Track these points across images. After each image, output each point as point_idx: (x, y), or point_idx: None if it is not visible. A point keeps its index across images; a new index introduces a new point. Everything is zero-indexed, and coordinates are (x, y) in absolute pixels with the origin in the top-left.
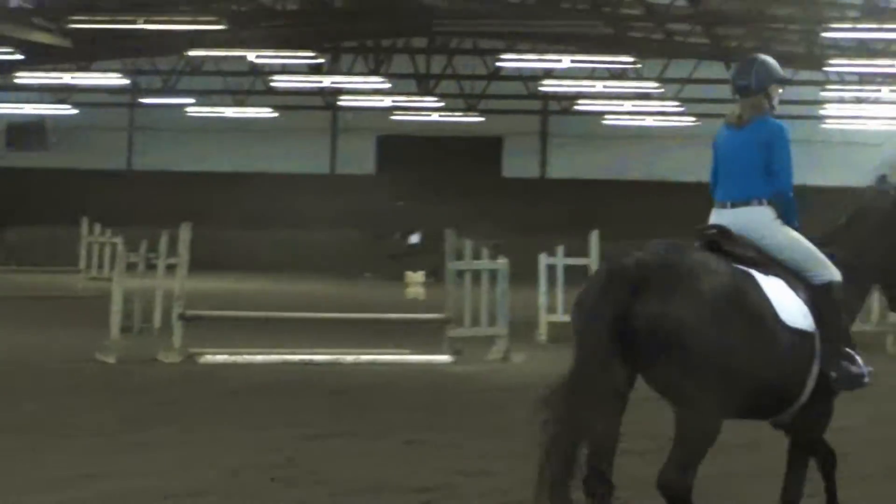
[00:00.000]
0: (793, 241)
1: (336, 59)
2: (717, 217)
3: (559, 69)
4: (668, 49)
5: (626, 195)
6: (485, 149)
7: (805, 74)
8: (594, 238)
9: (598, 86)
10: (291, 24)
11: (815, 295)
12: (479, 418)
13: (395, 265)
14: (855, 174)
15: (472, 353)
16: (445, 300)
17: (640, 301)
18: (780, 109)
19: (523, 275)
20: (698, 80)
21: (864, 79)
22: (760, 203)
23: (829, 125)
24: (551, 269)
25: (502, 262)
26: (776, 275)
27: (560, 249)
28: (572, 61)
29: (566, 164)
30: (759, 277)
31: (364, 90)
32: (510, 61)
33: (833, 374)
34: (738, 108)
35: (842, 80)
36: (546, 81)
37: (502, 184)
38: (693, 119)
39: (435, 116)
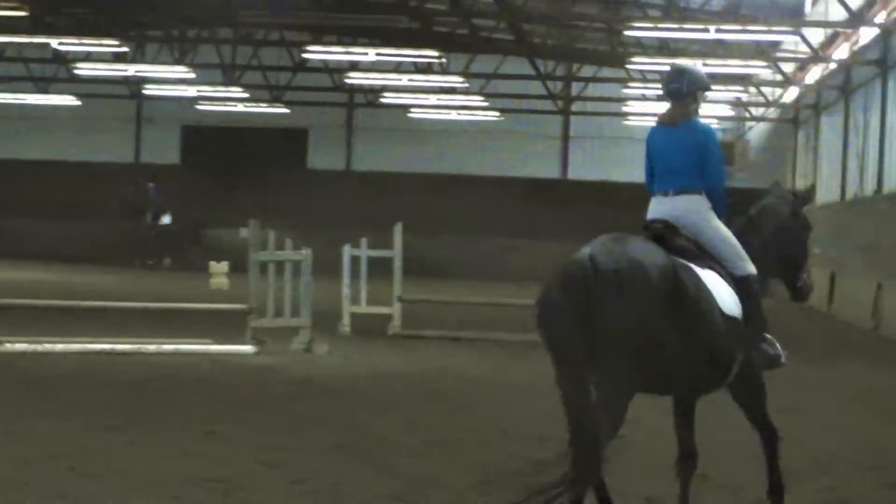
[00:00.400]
0: (724, 234)
1: (141, 47)
2: (658, 205)
3: (365, 62)
4: (474, 44)
5: (431, 189)
6: (290, 140)
7: (608, 72)
8: (398, 231)
9: (404, 79)
10: (96, 12)
11: (738, 285)
12: (280, 409)
13: (152, 248)
14: None
15: (276, 343)
16: (249, 291)
17: (601, 305)
18: (584, 107)
19: (327, 266)
20: (503, 76)
21: (664, 77)
22: (699, 192)
23: (632, 122)
24: (355, 260)
25: (306, 254)
26: (710, 267)
27: (364, 242)
28: (378, 55)
29: (372, 157)
30: (698, 270)
31: (169, 79)
32: (316, 53)
33: (756, 356)
34: (670, 109)
35: (644, 77)
36: (352, 74)
37: (307, 175)
38: (497, 114)
39: (240, 107)
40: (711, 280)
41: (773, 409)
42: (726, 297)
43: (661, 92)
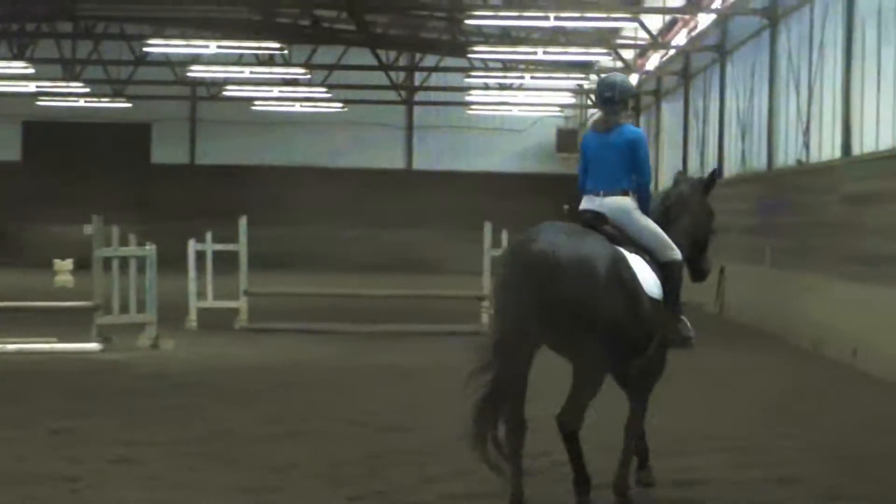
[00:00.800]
0: (648, 227)
1: None
2: (590, 203)
3: (207, 55)
4: (316, 35)
5: (277, 181)
6: (133, 135)
7: (451, 61)
8: (242, 224)
9: (246, 72)
10: None
11: (661, 270)
12: (128, 405)
13: None
14: (500, 160)
15: (122, 340)
16: (94, 288)
17: (553, 286)
18: (428, 96)
19: (172, 261)
20: (345, 67)
21: (507, 65)
22: (626, 194)
23: (475, 111)
24: (200, 255)
25: (150, 249)
26: (636, 252)
27: (209, 236)
28: (220, 47)
29: (216, 150)
30: (628, 255)
31: (8, 75)
32: (157, 46)
33: (670, 335)
34: (603, 116)
35: (486, 66)
36: (194, 67)
37: (151, 170)
38: (341, 105)
39: (82, 102)
40: (638, 265)
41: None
42: (650, 281)
43: (500, 81)
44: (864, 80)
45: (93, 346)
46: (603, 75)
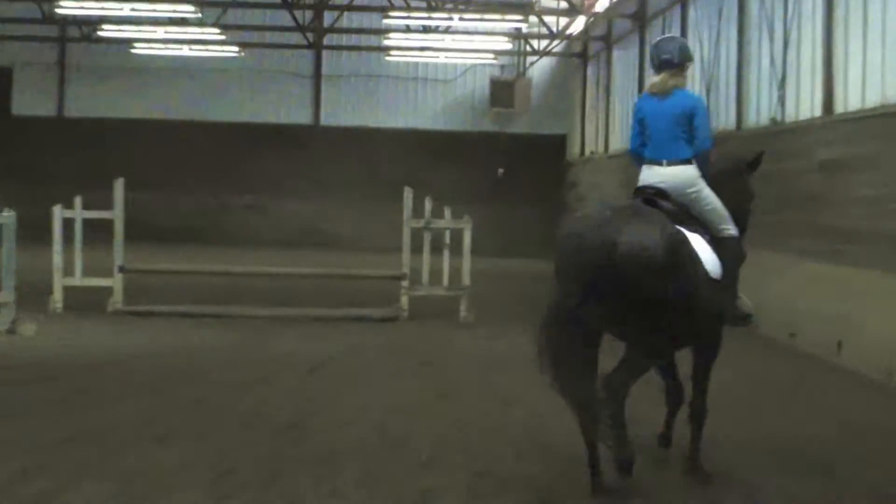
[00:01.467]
0: (712, 198)
1: None
2: (651, 174)
3: None
4: None
5: (160, 138)
6: None
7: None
8: (119, 187)
9: (126, 9)
10: None
11: (720, 246)
12: None
13: None
14: (423, 115)
15: None
16: None
17: (612, 277)
18: (339, 40)
19: (35, 231)
20: (243, 4)
21: (432, 4)
22: (689, 162)
23: (394, 58)
24: (68, 223)
25: (8, 216)
26: (695, 230)
27: (78, 201)
28: None
29: (88, 101)
30: (689, 235)
31: None
32: None
33: (730, 313)
34: (662, 79)
35: (407, 5)
36: (64, 3)
37: (12, 124)
38: (237, 50)
39: None
40: (699, 244)
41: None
42: (710, 261)
43: (424, 23)
44: (849, 25)
45: None
46: (660, 37)
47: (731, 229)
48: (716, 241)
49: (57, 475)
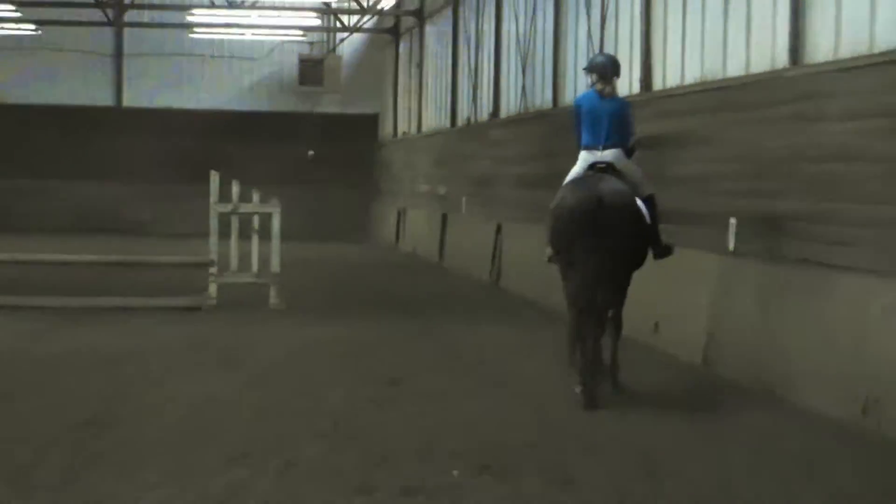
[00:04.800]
0: (636, 170)
1: None
2: (592, 155)
3: None
4: None
5: None
6: None
7: None
8: None
9: None
10: None
11: (645, 201)
12: None
13: None
14: (229, 95)
15: None
16: None
17: (604, 213)
18: (141, 16)
19: None
20: None
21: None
22: (620, 146)
23: (198, 35)
24: None
25: None
26: (633, 190)
27: None
28: None
29: None
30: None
31: None
32: None
33: (656, 247)
34: (600, 85)
35: None
36: None
37: None
38: (33, 27)
39: None
40: (637, 199)
41: (371, 380)
42: (644, 210)
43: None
44: (668, 3)
45: None
46: (602, 53)
47: (650, 188)
48: (642, 198)
49: None
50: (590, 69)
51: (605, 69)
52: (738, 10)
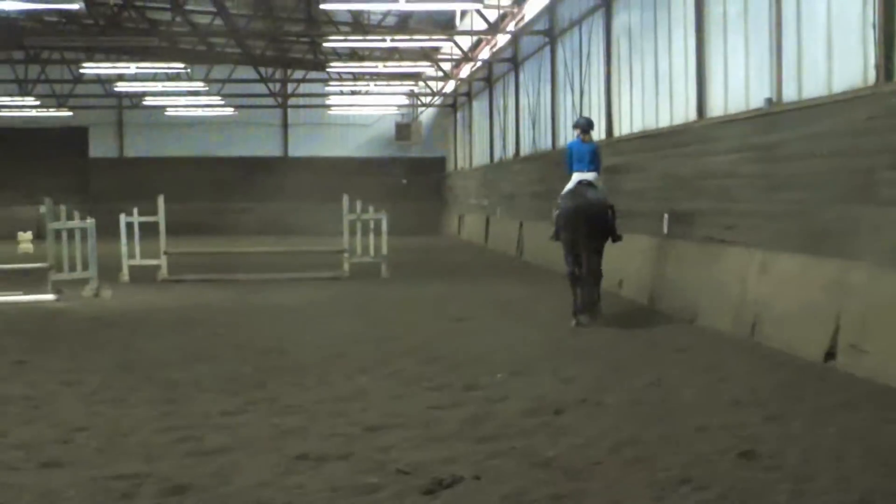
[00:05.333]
0: (604, 186)
1: None
2: (581, 175)
3: (129, 73)
4: (211, 57)
5: (185, 168)
6: (74, 136)
7: (314, 74)
8: (160, 201)
9: (160, 86)
10: None
11: (609, 208)
12: (74, 341)
13: None
14: (352, 147)
15: (71, 292)
16: (49, 252)
17: (589, 210)
18: (297, 101)
19: (108, 231)
20: (234, 80)
21: (356, 76)
22: (595, 171)
23: (334, 112)
24: (129, 225)
25: (90, 222)
26: (604, 198)
27: (135, 210)
28: (138, 68)
29: (139, 146)
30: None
31: None
32: (90, 68)
33: (615, 238)
34: (582, 135)
35: (340, 77)
36: (119, 83)
37: (89, 163)
38: (232, 110)
39: (34, 112)
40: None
41: (444, 319)
42: (609, 214)
43: (352, 89)
44: (621, 80)
45: (49, 297)
46: (583, 116)
47: (609, 200)
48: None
49: (120, 387)
50: (575, 125)
51: (585, 126)
52: (663, 85)
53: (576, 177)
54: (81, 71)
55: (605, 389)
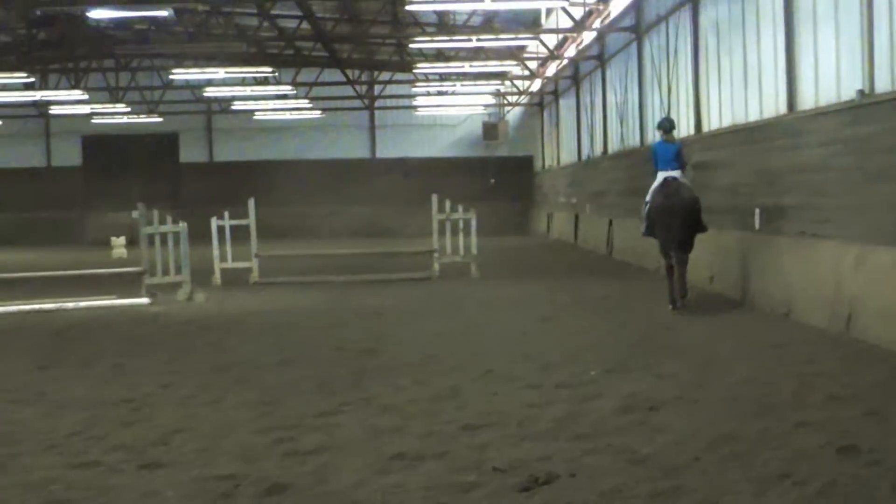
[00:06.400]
0: (687, 182)
1: (45, 77)
2: (665, 173)
3: (217, 79)
4: (298, 61)
5: (274, 171)
6: (165, 142)
7: (400, 76)
8: (251, 205)
9: (248, 91)
10: (6, 50)
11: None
12: (170, 344)
13: None
14: (440, 148)
15: (164, 295)
16: (142, 257)
17: (678, 206)
18: (384, 103)
19: (200, 235)
20: (321, 84)
21: (442, 77)
22: (678, 170)
23: (421, 113)
24: (221, 229)
25: (183, 226)
26: (693, 194)
27: (226, 214)
28: (227, 73)
29: (228, 151)
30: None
31: (69, 101)
32: (179, 74)
33: (701, 229)
34: (666, 135)
35: (426, 78)
36: (208, 89)
37: (180, 168)
38: (319, 113)
39: (125, 119)
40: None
41: (535, 318)
42: (700, 205)
43: (438, 89)
44: (709, 76)
45: (143, 300)
46: (665, 118)
47: (695, 194)
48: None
49: (216, 389)
50: (658, 126)
51: (668, 126)
52: (752, 79)
53: (660, 175)
54: (171, 77)
55: (701, 385)
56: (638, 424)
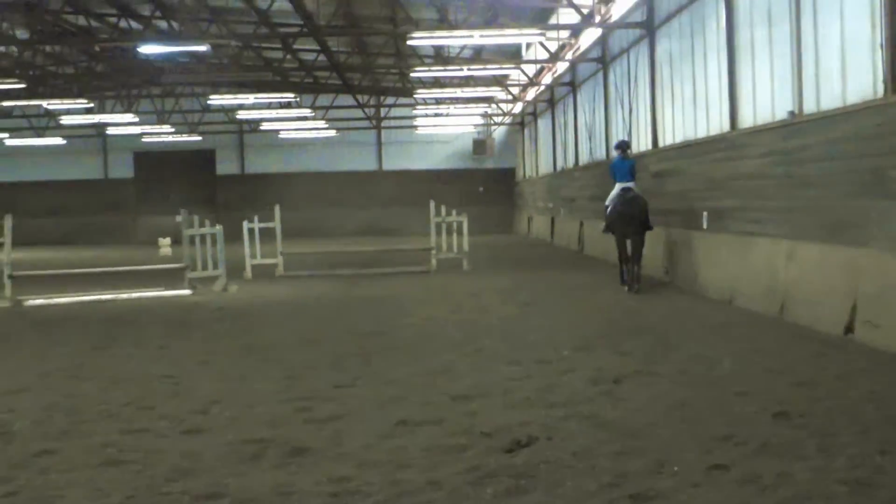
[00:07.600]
0: (640, 192)
1: (102, 103)
2: (623, 185)
3: (248, 103)
4: (316, 88)
5: (296, 182)
6: (203, 157)
7: (403, 100)
8: (276, 210)
9: (274, 113)
10: (70, 81)
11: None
12: (207, 328)
13: None
14: (436, 161)
15: (204, 287)
16: (185, 254)
17: (633, 211)
18: (389, 123)
19: (233, 236)
20: (335, 107)
21: (438, 101)
22: (634, 181)
23: (420, 131)
24: (251, 231)
25: (219, 229)
26: (643, 201)
27: (256, 218)
28: (255, 98)
29: (258, 164)
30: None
31: (123, 123)
32: (215, 99)
33: (649, 228)
34: (622, 153)
35: (425, 102)
36: (240, 112)
37: (216, 179)
38: (334, 132)
39: (170, 138)
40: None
41: (517, 304)
42: (646, 210)
43: (436, 112)
44: (664, 99)
45: (186, 291)
46: (621, 139)
47: (646, 199)
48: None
49: (246, 366)
50: (616, 147)
51: (623, 146)
52: (700, 102)
53: (618, 186)
54: (209, 102)
55: (657, 361)
56: (604, 395)
